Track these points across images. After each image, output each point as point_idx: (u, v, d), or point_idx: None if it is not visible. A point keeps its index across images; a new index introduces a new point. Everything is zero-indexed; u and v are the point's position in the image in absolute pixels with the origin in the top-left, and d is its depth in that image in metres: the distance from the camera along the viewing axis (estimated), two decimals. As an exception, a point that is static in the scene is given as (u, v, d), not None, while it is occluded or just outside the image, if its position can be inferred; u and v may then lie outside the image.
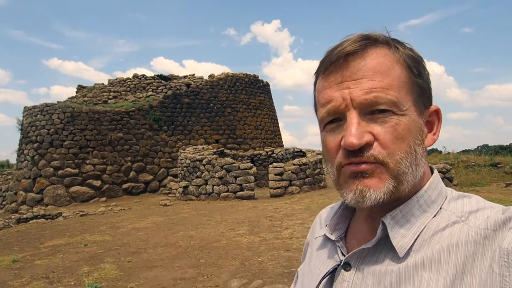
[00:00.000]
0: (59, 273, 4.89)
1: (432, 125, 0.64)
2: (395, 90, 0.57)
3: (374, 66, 0.58)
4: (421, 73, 0.61)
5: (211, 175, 12.80)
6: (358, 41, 0.60)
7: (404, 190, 0.58)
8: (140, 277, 4.58)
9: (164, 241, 6.61)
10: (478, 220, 0.55)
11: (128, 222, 8.98)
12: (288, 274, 4.42)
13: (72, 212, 11.81)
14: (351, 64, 0.59)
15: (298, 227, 7.07)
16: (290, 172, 12.60)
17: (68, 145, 15.15)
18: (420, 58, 0.63)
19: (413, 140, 0.58)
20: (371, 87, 0.57)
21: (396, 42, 0.62)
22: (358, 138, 0.55)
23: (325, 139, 0.63)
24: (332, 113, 0.60)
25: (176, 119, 18.10)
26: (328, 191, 12.56)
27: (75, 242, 6.93)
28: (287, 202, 10.63)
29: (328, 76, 0.61)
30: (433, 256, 0.54)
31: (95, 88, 19.82)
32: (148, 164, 16.83)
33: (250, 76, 21.22)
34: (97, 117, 15.98)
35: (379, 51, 0.60)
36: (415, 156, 0.58)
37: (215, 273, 4.62)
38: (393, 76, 0.58)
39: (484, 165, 11.96)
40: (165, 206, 12.07)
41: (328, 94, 0.60)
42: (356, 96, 0.57)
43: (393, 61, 0.59)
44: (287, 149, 16.64)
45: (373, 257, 0.60)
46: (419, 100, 0.60)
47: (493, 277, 0.48)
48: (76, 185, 14.90)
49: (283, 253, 5.33)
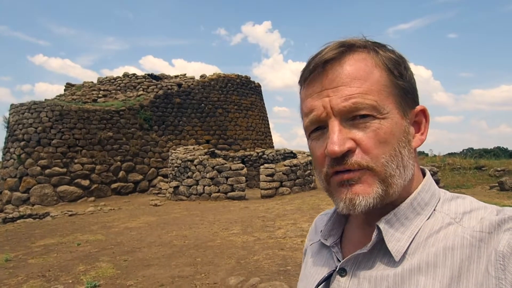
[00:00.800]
0: (55, 271, 4.88)
1: (419, 125, 0.64)
2: (374, 94, 0.57)
3: (351, 72, 0.58)
4: (402, 74, 0.61)
5: (202, 175, 12.82)
6: (335, 49, 0.60)
7: (394, 193, 0.58)
8: (138, 275, 4.61)
9: (158, 240, 6.63)
10: (472, 221, 0.55)
11: (119, 222, 8.94)
12: (284, 272, 4.52)
13: (60, 211, 11.67)
14: (329, 72, 0.59)
15: (290, 227, 7.18)
16: (281, 173, 12.72)
17: (56, 144, 14.95)
18: (401, 60, 0.62)
19: (397, 142, 0.58)
20: (349, 93, 0.57)
21: (376, 45, 0.62)
22: (339, 145, 0.56)
23: (312, 147, 0.64)
24: (315, 122, 0.61)
25: (167, 119, 18.04)
26: (318, 192, 12.72)
27: (67, 241, 6.88)
28: (278, 203, 10.74)
29: (309, 85, 0.62)
30: (429, 259, 0.54)
31: (84, 86, 19.59)
32: (138, 164, 16.73)
33: (241, 77, 21.32)
34: (86, 115, 15.82)
35: (357, 57, 0.60)
36: (401, 158, 0.58)
37: (212, 271, 4.68)
38: (372, 81, 0.58)
39: (469, 168, 12.33)
40: (155, 206, 12.03)
41: (310, 103, 0.61)
42: (336, 104, 0.57)
43: (372, 65, 0.59)
44: (277, 150, 16.77)
45: (368, 262, 0.60)
46: (401, 102, 0.60)
47: (489, 280, 0.49)
48: (64, 184, 14.71)
49: (277, 252, 5.42)
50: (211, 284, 4.22)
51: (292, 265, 4.77)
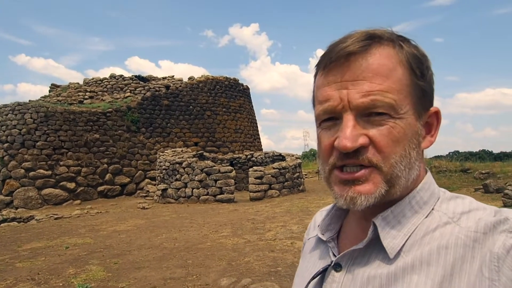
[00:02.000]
0: (44, 275, 4.82)
1: (431, 126, 0.64)
2: (394, 93, 0.56)
3: (375, 67, 0.57)
4: (424, 74, 0.60)
5: (191, 178, 12.79)
6: (361, 40, 0.58)
7: (396, 192, 0.58)
8: (129, 277, 4.60)
9: (148, 243, 6.60)
10: (469, 222, 0.55)
11: (108, 225, 8.85)
12: (275, 273, 4.58)
13: (45, 215, 11.45)
14: (352, 64, 0.58)
15: (280, 229, 7.26)
16: (270, 176, 12.80)
17: (41, 146, 14.68)
18: (424, 58, 0.61)
19: (408, 143, 0.58)
20: (369, 89, 0.56)
21: (401, 39, 0.61)
22: (352, 141, 0.55)
23: (320, 136, 0.62)
24: (329, 112, 0.60)
25: (154, 121, 17.93)
26: (307, 195, 12.85)
27: (55, 245, 6.79)
28: (267, 205, 10.81)
29: (328, 74, 0.60)
30: (422, 258, 0.54)
31: (69, 87, 19.30)
32: (125, 166, 16.56)
33: (230, 79, 21.36)
34: (72, 117, 15.58)
35: (382, 51, 0.58)
36: (410, 160, 0.58)
37: (203, 272, 4.71)
38: (394, 79, 0.57)
39: (455, 170, 12.65)
40: (143, 209, 11.94)
41: (327, 92, 0.59)
42: (354, 98, 0.56)
43: (396, 63, 0.58)
44: (266, 152, 16.85)
45: (364, 258, 0.60)
46: (418, 103, 0.59)
47: (482, 281, 0.48)
48: (48, 187, 14.44)
49: (268, 254, 5.48)
50: (203, 285, 4.25)
51: (282, 266, 4.84)
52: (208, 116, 19.59)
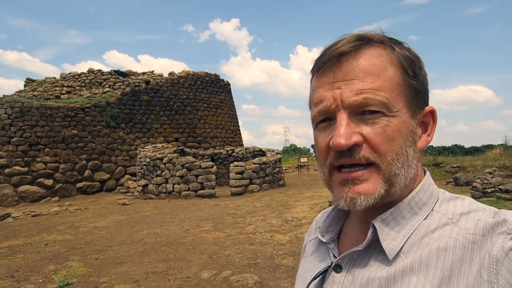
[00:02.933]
0: (24, 272, 4.82)
1: (427, 126, 0.64)
2: (386, 92, 0.57)
3: (366, 67, 0.58)
4: (416, 74, 0.60)
5: (171, 173, 12.80)
6: (352, 41, 0.59)
7: (396, 192, 0.58)
8: (111, 272, 4.66)
9: (129, 239, 6.65)
10: (468, 223, 0.55)
11: (87, 222, 8.81)
12: (254, 265, 4.74)
13: (22, 212, 11.23)
14: (344, 65, 0.59)
15: (260, 223, 7.43)
16: (250, 171, 12.96)
17: (16, 142, 14.32)
18: (416, 59, 0.62)
19: (403, 141, 0.58)
20: (361, 88, 0.57)
21: (392, 41, 0.62)
22: (346, 138, 0.56)
23: (317, 137, 0.63)
24: (323, 113, 0.60)
25: (134, 117, 17.75)
26: (286, 189, 13.09)
27: (33, 242, 6.74)
28: (248, 200, 10.97)
29: (321, 76, 0.61)
30: (421, 259, 0.54)
31: (46, 82, 18.82)
32: (105, 162, 16.36)
33: (211, 75, 21.33)
34: (49, 113, 15.25)
35: (373, 52, 0.59)
36: (407, 158, 0.58)
37: (185, 266, 4.82)
38: (385, 77, 0.58)
39: (428, 164, 13.12)
40: (124, 205, 11.89)
41: (320, 93, 0.60)
42: (346, 97, 0.57)
43: (387, 62, 0.59)
44: (247, 148, 16.99)
45: (363, 260, 0.60)
46: (412, 102, 0.60)
47: (481, 284, 0.48)
48: (25, 184, 14.12)
49: (248, 247, 5.64)
50: (184, 278, 4.37)
51: (261, 258, 5.01)
52: (189, 111, 19.53)
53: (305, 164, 21.75)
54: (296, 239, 5.91)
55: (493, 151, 14.00)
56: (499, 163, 11.18)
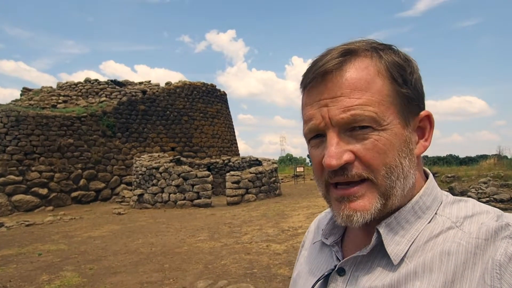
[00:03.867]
0: (16, 282, 4.76)
1: (424, 130, 0.63)
2: (375, 106, 0.56)
3: (352, 82, 0.57)
4: (406, 80, 0.59)
5: (167, 183, 12.76)
6: (336, 58, 0.58)
7: (393, 204, 0.58)
8: (106, 282, 4.62)
9: (124, 248, 6.59)
10: (472, 226, 0.54)
11: (82, 231, 8.73)
12: (251, 274, 4.72)
13: (15, 222, 11.11)
14: (329, 83, 0.58)
15: (256, 232, 7.40)
16: (246, 181, 12.95)
17: (11, 151, 14.24)
18: (406, 64, 0.60)
19: (397, 153, 0.57)
20: (348, 105, 0.56)
21: (380, 48, 0.60)
22: (336, 158, 0.55)
23: (311, 153, 0.63)
24: (313, 131, 0.60)
25: (131, 126, 17.74)
26: (283, 199, 13.07)
27: (26, 252, 6.66)
28: (244, 210, 10.94)
29: (309, 93, 0.61)
30: (425, 264, 0.53)
31: (42, 91, 18.81)
32: (100, 171, 16.28)
33: (207, 85, 21.44)
34: (45, 122, 15.21)
35: (359, 64, 0.58)
36: (402, 169, 0.57)
37: (180, 276, 4.79)
38: (373, 91, 0.56)
39: (422, 174, 13.19)
40: (119, 214, 11.80)
41: (309, 111, 0.60)
42: (334, 115, 0.56)
43: (374, 74, 0.57)
44: (243, 157, 17.01)
45: (367, 264, 0.60)
46: (404, 111, 0.59)
47: None
48: (19, 193, 13.99)
49: (244, 256, 5.61)
50: (180, 288, 4.33)
51: (258, 268, 4.98)
52: (185, 121, 19.57)
53: (301, 173, 21.76)
54: (292, 248, 5.90)
55: (487, 161, 14.11)
56: (493, 173, 11.27)
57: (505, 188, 9.45)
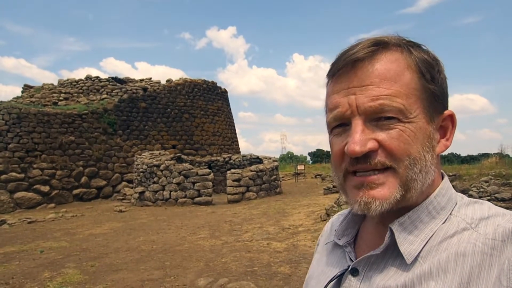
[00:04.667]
0: (19, 279, 4.80)
1: (446, 130, 0.63)
2: (403, 97, 0.56)
3: (382, 72, 0.57)
4: (434, 78, 0.59)
5: (168, 180, 12.79)
6: (367, 47, 0.58)
7: (411, 197, 0.58)
8: (107, 279, 4.65)
9: (125, 246, 6.63)
10: (488, 228, 0.54)
11: (83, 229, 8.77)
12: (251, 272, 4.74)
13: (17, 219, 11.16)
14: (359, 71, 0.58)
15: (257, 230, 7.43)
16: (247, 179, 12.97)
17: (13, 148, 14.28)
18: (435, 62, 0.61)
19: (421, 146, 0.57)
20: (377, 94, 0.56)
21: (410, 44, 0.61)
22: (361, 145, 0.55)
23: (332, 142, 0.63)
24: (338, 119, 0.60)
25: (132, 124, 17.76)
26: (283, 197, 13.10)
27: (29, 249, 6.70)
28: (245, 208, 10.97)
29: (337, 81, 0.61)
30: (440, 264, 0.53)
31: (43, 88, 18.83)
32: (102, 169, 16.32)
33: (208, 82, 21.43)
34: (46, 119, 15.24)
35: (389, 56, 0.58)
36: (425, 163, 0.57)
37: (181, 273, 4.82)
38: (402, 83, 0.57)
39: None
40: (120, 212, 11.84)
41: (336, 99, 0.60)
42: (362, 103, 0.56)
43: (404, 67, 0.58)
44: (244, 155, 17.02)
45: (381, 264, 0.59)
46: (429, 107, 0.59)
47: None
48: (21, 190, 14.04)
49: (244, 254, 5.64)
50: (181, 286, 4.36)
51: (258, 266, 5.01)
52: (186, 118, 19.58)
53: (302, 172, 21.77)
54: (293, 246, 5.92)
55: (489, 160, 14.08)
56: (495, 171, 11.26)
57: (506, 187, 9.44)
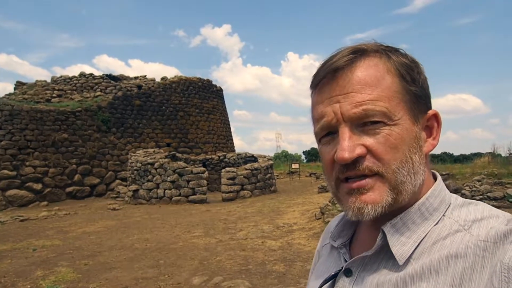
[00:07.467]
0: (11, 277, 4.74)
1: (431, 129, 0.64)
2: (385, 101, 0.57)
3: (362, 78, 0.58)
4: (414, 79, 0.60)
5: (163, 179, 12.74)
6: (346, 55, 0.60)
7: (403, 199, 0.58)
8: (100, 278, 4.62)
9: (119, 244, 6.59)
10: (481, 230, 0.54)
11: (77, 227, 8.70)
12: (245, 271, 4.74)
13: (9, 217, 11.05)
14: (340, 79, 0.59)
15: (252, 228, 7.43)
16: (242, 177, 12.96)
17: (5, 146, 14.11)
18: (414, 64, 0.62)
19: (408, 148, 0.57)
20: (360, 100, 0.57)
21: (388, 50, 0.62)
22: (349, 152, 0.56)
23: (321, 151, 0.63)
24: (326, 128, 0.61)
25: (126, 121, 17.65)
26: (278, 195, 13.11)
27: (21, 247, 6.63)
28: (239, 206, 10.96)
29: (320, 92, 0.62)
30: (432, 266, 0.53)
31: (36, 85, 18.63)
32: (95, 167, 16.20)
33: (203, 80, 21.36)
34: (39, 116, 15.08)
35: (368, 62, 0.59)
36: (412, 164, 0.57)
37: (175, 272, 4.80)
38: (383, 87, 0.58)
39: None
40: (114, 210, 11.78)
41: (321, 109, 0.61)
42: (346, 110, 0.57)
43: (383, 71, 0.59)
44: (239, 154, 17.00)
45: (374, 265, 0.60)
46: (413, 108, 0.60)
47: None
48: (13, 188, 13.89)
49: (239, 253, 5.64)
50: (175, 284, 4.34)
51: (253, 264, 5.01)
52: (181, 116, 19.50)
53: (296, 170, 21.82)
54: (287, 245, 5.93)
55: (481, 159, 14.21)
56: (487, 171, 11.37)
57: (498, 186, 9.54)
